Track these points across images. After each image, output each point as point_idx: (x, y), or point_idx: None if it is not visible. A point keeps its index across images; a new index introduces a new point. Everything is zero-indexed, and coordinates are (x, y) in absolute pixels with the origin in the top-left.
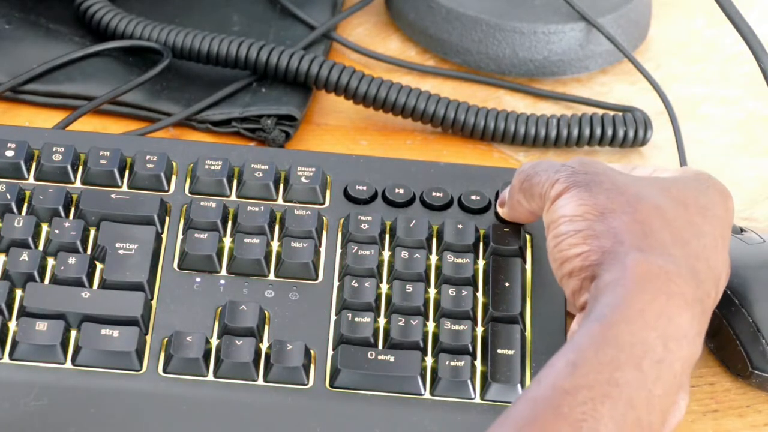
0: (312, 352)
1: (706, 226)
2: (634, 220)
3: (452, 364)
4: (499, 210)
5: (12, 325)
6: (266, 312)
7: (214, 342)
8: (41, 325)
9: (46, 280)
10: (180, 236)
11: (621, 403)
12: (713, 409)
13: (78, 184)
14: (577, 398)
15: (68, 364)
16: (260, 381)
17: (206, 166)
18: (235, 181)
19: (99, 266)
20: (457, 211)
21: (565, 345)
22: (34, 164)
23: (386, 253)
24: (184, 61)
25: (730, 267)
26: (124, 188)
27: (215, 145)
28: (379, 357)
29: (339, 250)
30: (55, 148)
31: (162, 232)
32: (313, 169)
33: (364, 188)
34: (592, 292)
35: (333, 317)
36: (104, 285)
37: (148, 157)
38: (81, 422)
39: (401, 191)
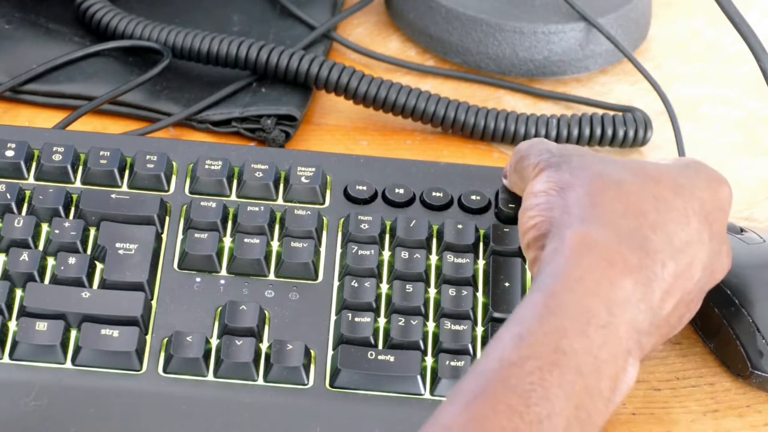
0: (312, 352)
1: (678, 201)
2: (588, 192)
3: (452, 364)
4: (504, 180)
5: (12, 325)
6: (266, 312)
7: (214, 342)
8: (41, 325)
9: (46, 280)
10: (180, 236)
11: (568, 370)
12: (713, 409)
13: (78, 184)
14: (524, 369)
15: (68, 364)
16: (260, 381)
17: (206, 166)
18: (235, 181)
19: (99, 266)
20: (457, 211)
21: (510, 318)
22: (34, 164)
23: (386, 253)
24: (184, 61)
25: (729, 252)
26: (124, 188)
27: (215, 145)
28: (379, 357)
29: (339, 250)
30: (55, 148)
31: (162, 232)
32: (313, 169)
33: (364, 188)
34: (539, 261)
35: (333, 317)
36: (104, 285)
37: (148, 157)
38: (81, 422)
39: (401, 191)
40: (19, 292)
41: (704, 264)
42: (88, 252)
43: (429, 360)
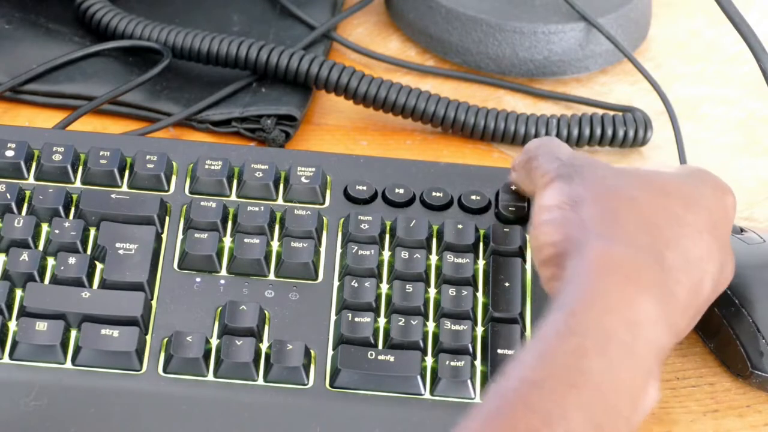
0: (312, 352)
1: (689, 216)
2: (604, 209)
3: (452, 364)
4: (512, 174)
5: (12, 325)
6: (266, 312)
7: (214, 342)
8: (41, 325)
9: (46, 280)
10: (180, 236)
11: (588, 390)
12: (713, 409)
13: (78, 184)
14: (544, 389)
15: (68, 364)
16: (260, 381)
17: (206, 166)
18: (235, 181)
19: (99, 266)
20: (457, 211)
21: (532, 337)
22: (34, 164)
23: (386, 253)
24: (184, 61)
25: (732, 262)
26: (124, 188)
27: (215, 145)
28: (379, 357)
29: (339, 250)
30: (55, 148)
31: (162, 232)
32: (313, 169)
33: (364, 188)
34: (559, 280)
35: (333, 317)
36: (104, 285)
37: (148, 157)
38: (81, 422)
39: (401, 191)
40: (19, 292)
41: (713, 277)
42: (88, 252)
43: (429, 360)
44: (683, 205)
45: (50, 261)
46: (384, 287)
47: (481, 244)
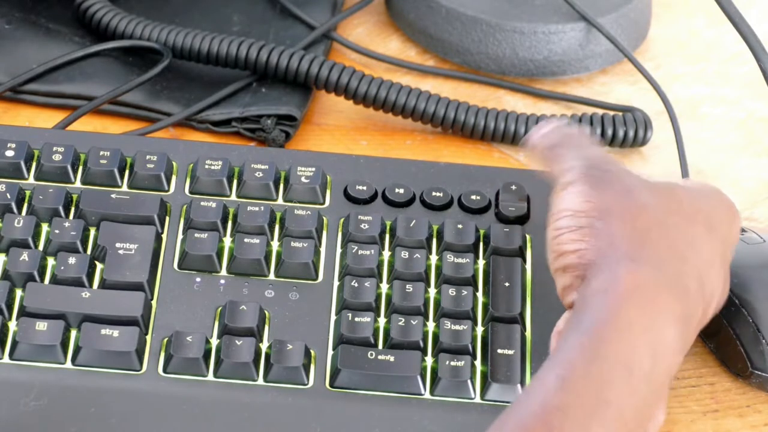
0: (312, 352)
1: (709, 244)
2: (635, 228)
3: (452, 364)
4: (535, 135)
5: (12, 325)
6: (266, 312)
7: (214, 342)
8: (41, 325)
9: (46, 280)
10: (180, 236)
11: (610, 417)
12: (713, 409)
13: (78, 184)
14: (567, 414)
15: (68, 364)
16: (260, 381)
17: (206, 166)
18: (235, 181)
19: (99, 266)
20: (457, 211)
21: (554, 357)
22: (34, 164)
23: (386, 253)
24: (184, 61)
25: (727, 288)
26: (124, 188)
27: (215, 145)
28: (379, 357)
29: (339, 250)
30: (55, 148)
31: (162, 232)
32: (313, 169)
33: (364, 188)
34: (580, 294)
35: (333, 317)
36: (104, 285)
37: (148, 157)
38: (81, 422)
39: (401, 191)
40: (19, 292)
41: (718, 302)
42: (88, 252)
43: (429, 360)
44: (706, 232)
45: (50, 261)
46: (384, 287)
47: (481, 244)
